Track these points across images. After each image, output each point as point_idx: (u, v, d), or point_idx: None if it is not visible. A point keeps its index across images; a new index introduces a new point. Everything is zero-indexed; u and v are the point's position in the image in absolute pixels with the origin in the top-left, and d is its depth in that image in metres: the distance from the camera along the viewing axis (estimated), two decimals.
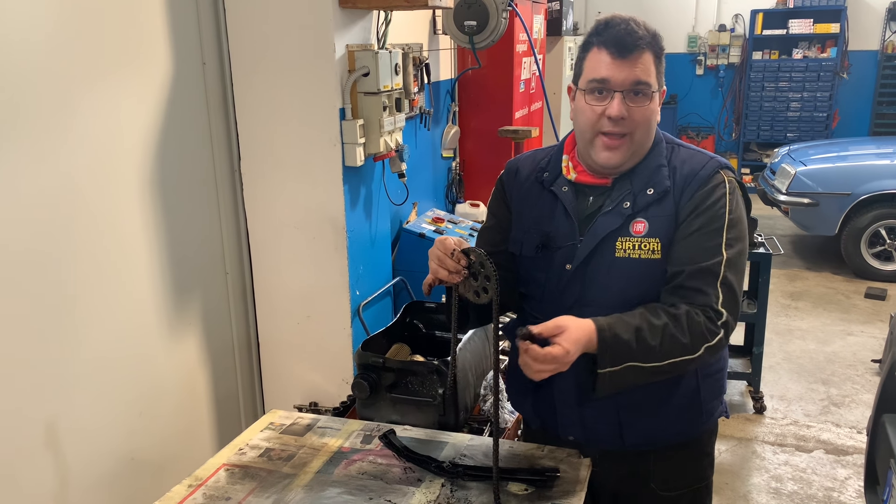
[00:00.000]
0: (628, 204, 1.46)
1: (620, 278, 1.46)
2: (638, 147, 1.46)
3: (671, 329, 1.37)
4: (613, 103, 1.41)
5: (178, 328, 2.45)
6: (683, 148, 1.53)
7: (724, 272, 1.41)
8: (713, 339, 1.39)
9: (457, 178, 4.28)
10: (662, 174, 1.47)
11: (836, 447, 3.41)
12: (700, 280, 1.40)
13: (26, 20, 1.82)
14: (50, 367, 1.96)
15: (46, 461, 1.98)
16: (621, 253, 1.45)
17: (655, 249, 1.44)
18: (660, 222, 1.45)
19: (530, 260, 1.56)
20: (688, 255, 1.42)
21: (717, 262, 1.41)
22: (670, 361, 1.37)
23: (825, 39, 8.58)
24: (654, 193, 1.46)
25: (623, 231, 1.46)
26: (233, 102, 2.55)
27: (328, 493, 1.47)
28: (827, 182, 5.72)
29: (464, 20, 3.61)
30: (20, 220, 1.84)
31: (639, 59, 1.40)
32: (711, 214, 1.42)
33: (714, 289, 1.40)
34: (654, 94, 1.43)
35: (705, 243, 1.42)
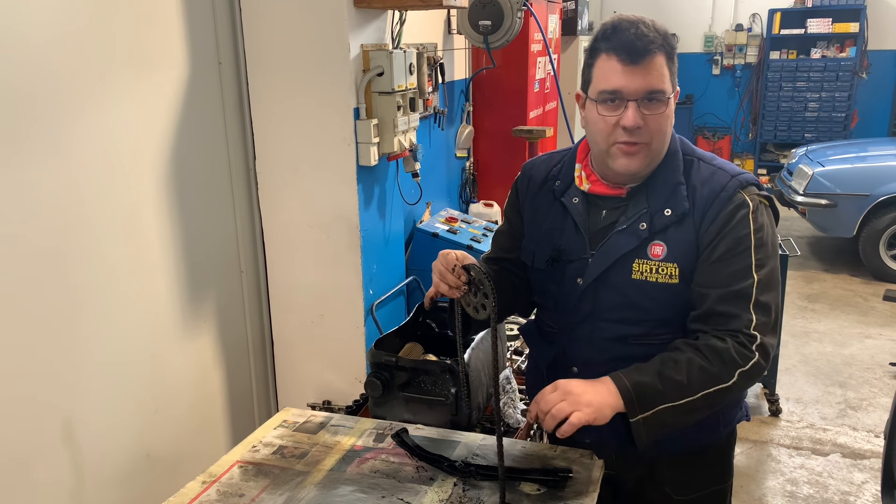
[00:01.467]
0: (644, 225, 1.41)
1: (637, 298, 1.43)
2: (655, 154, 1.41)
3: (697, 361, 1.33)
4: (628, 113, 1.34)
5: (193, 326, 2.47)
6: (704, 163, 1.46)
7: (757, 295, 1.35)
8: (746, 363, 1.34)
9: (470, 177, 4.27)
10: (681, 194, 1.41)
11: (853, 451, 3.37)
12: (731, 304, 1.35)
13: (44, 20, 1.84)
14: (66, 365, 1.99)
15: (63, 457, 2.00)
16: (638, 275, 1.42)
17: (673, 274, 1.40)
18: (679, 247, 1.40)
19: (542, 272, 1.54)
20: (716, 279, 1.37)
21: (749, 284, 1.35)
22: (704, 394, 1.33)
23: (844, 39, 8.50)
24: (673, 215, 1.40)
25: (640, 253, 1.42)
26: (248, 102, 2.57)
27: (341, 491, 1.47)
28: (845, 183, 5.66)
29: (478, 20, 3.61)
30: (38, 219, 1.87)
31: (651, 65, 1.33)
32: (735, 238, 1.37)
33: (747, 312, 1.35)
34: (669, 99, 1.37)
35: (734, 266, 1.36)
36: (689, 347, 1.36)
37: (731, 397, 1.38)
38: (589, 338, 1.50)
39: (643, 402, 1.32)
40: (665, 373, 1.33)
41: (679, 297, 1.42)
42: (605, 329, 1.48)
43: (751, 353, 1.34)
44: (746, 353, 1.34)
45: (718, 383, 1.33)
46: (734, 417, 1.59)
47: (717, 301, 1.36)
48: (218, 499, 1.46)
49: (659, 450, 1.52)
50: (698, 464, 1.58)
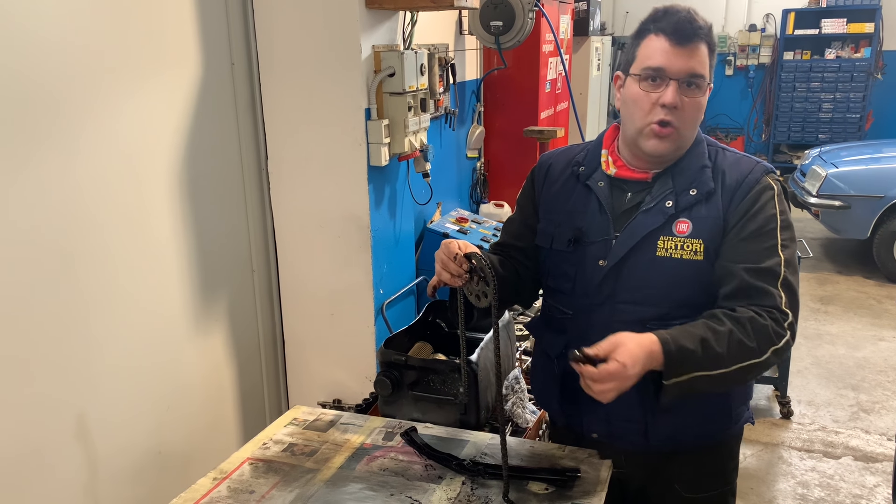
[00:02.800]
0: (671, 203, 1.45)
1: (660, 277, 1.45)
2: (684, 141, 1.46)
3: (738, 334, 1.34)
4: (668, 91, 1.39)
5: (205, 324, 2.49)
6: (728, 152, 1.52)
7: (785, 273, 1.39)
8: (780, 341, 1.36)
9: (481, 178, 4.28)
10: (706, 175, 1.46)
11: (865, 454, 3.35)
12: (762, 279, 1.39)
13: (58, 21, 1.87)
14: (80, 363, 2.01)
15: (77, 453, 2.03)
16: (663, 252, 1.44)
17: (698, 251, 1.43)
18: (704, 224, 1.44)
19: (561, 254, 1.55)
20: (747, 255, 1.41)
21: (777, 262, 1.39)
22: (738, 367, 1.34)
23: (859, 39, 8.44)
24: (698, 194, 1.45)
25: (665, 230, 1.45)
26: (260, 102, 2.59)
27: (350, 489, 1.49)
28: (859, 184, 5.62)
29: (490, 20, 3.62)
30: (51, 218, 1.89)
31: (696, 50, 1.40)
32: (764, 217, 1.42)
33: (777, 290, 1.38)
34: (707, 87, 1.43)
35: (762, 244, 1.40)
36: (730, 319, 1.36)
37: (759, 373, 1.41)
38: (607, 322, 1.49)
39: (682, 367, 1.32)
40: (708, 342, 1.32)
41: (701, 275, 1.44)
42: (623, 311, 1.48)
43: (783, 332, 1.37)
44: (780, 332, 1.36)
45: (753, 357, 1.35)
46: (742, 416, 1.60)
47: (749, 275, 1.39)
48: (228, 495, 1.48)
49: (669, 445, 1.54)
50: (707, 460, 1.59)
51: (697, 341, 1.33)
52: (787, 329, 1.37)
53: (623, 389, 1.29)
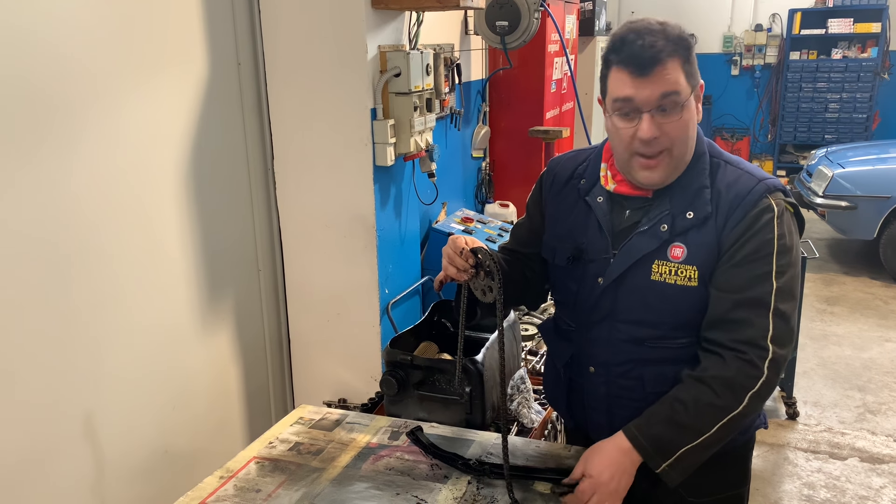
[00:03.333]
0: (666, 227, 1.40)
1: (655, 301, 1.43)
2: (679, 161, 1.39)
3: (704, 399, 1.33)
4: (643, 125, 1.33)
5: (211, 324, 2.50)
6: (731, 166, 1.43)
7: (776, 303, 1.33)
8: (755, 384, 1.33)
9: (487, 178, 4.28)
10: (704, 197, 1.39)
11: (872, 455, 3.34)
12: (749, 311, 1.33)
13: (64, 21, 1.87)
14: (86, 362, 2.02)
15: (83, 453, 2.03)
16: (657, 276, 1.41)
17: (692, 277, 1.39)
18: (699, 250, 1.39)
19: (562, 269, 1.54)
20: (735, 284, 1.35)
21: (768, 291, 1.33)
22: (719, 426, 1.33)
23: (866, 39, 8.40)
24: (695, 218, 1.39)
25: (660, 254, 1.41)
26: (266, 102, 2.59)
27: (356, 488, 1.49)
28: (866, 185, 5.60)
29: (495, 20, 3.61)
30: (57, 219, 1.90)
31: (662, 72, 1.31)
32: (759, 241, 1.35)
33: (764, 320, 1.33)
34: (687, 101, 1.34)
35: (754, 272, 1.34)
36: (695, 382, 1.35)
37: (748, 419, 1.38)
38: (607, 339, 1.50)
39: (663, 453, 1.35)
40: (676, 418, 1.34)
41: (697, 301, 1.40)
42: (622, 330, 1.47)
43: (759, 373, 1.32)
44: (754, 374, 1.32)
45: (730, 412, 1.33)
46: (750, 426, 1.58)
47: (733, 307, 1.35)
48: (235, 494, 1.49)
49: None
50: (712, 469, 1.55)
51: (665, 422, 1.34)
52: (767, 367, 1.32)
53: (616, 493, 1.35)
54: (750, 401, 1.33)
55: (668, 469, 1.35)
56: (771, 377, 1.33)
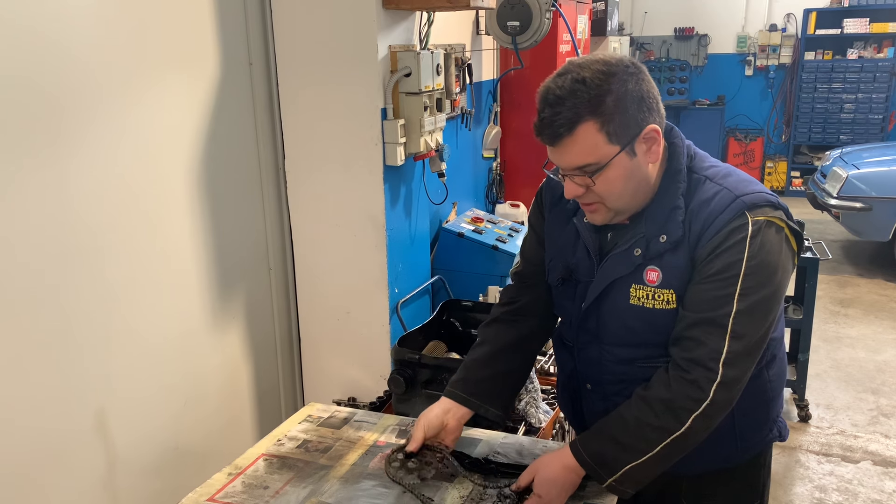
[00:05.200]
0: (639, 251, 1.37)
1: (637, 324, 1.41)
2: (621, 208, 1.37)
3: (645, 418, 1.33)
4: (565, 186, 1.35)
5: (222, 322, 2.52)
6: (711, 182, 1.37)
7: (733, 325, 1.29)
8: (699, 406, 1.30)
9: (497, 178, 4.28)
10: (676, 219, 1.35)
11: (885, 459, 3.31)
12: (701, 331, 1.31)
13: (76, 21, 1.89)
14: (99, 359, 2.04)
15: (96, 448, 2.06)
16: (636, 300, 1.39)
17: (670, 300, 1.36)
18: (674, 273, 1.36)
19: (556, 289, 1.55)
20: (695, 303, 1.33)
21: (725, 313, 1.29)
22: (662, 445, 1.32)
23: (882, 39, 8.31)
24: (667, 242, 1.35)
25: (636, 278, 1.39)
26: (278, 102, 2.61)
27: (363, 486, 1.50)
28: (881, 186, 5.54)
29: (507, 20, 3.61)
30: (69, 216, 1.92)
31: (570, 143, 1.27)
32: (726, 261, 1.30)
33: (717, 341, 1.29)
34: (610, 163, 1.28)
35: (715, 292, 1.31)
36: (639, 402, 1.35)
37: (694, 441, 1.34)
38: (598, 359, 1.50)
39: (607, 469, 1.35)
40: (617, 437, 1.35)
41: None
42: (610, 352, 1.47)
43: (702, 395, 1.29)
44: (697, 396, 1.30)
45: (671, 434, 1.31)
46: (762, 439, 1.55)
47: (689, 325, 1.33)
48: (243, 490, 1.50)
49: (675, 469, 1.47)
50: (720, 481, 1.55)
51: (608, 440, 1.35)
52: (714, 390, 1.29)
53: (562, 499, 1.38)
54: (694, 422, 1.30)
55: (615, 484, 1.35)
56: (718, 399, 1.30)
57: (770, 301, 1.33)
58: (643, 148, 1.32)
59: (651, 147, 1.33)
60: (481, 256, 3.30)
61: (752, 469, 1.58)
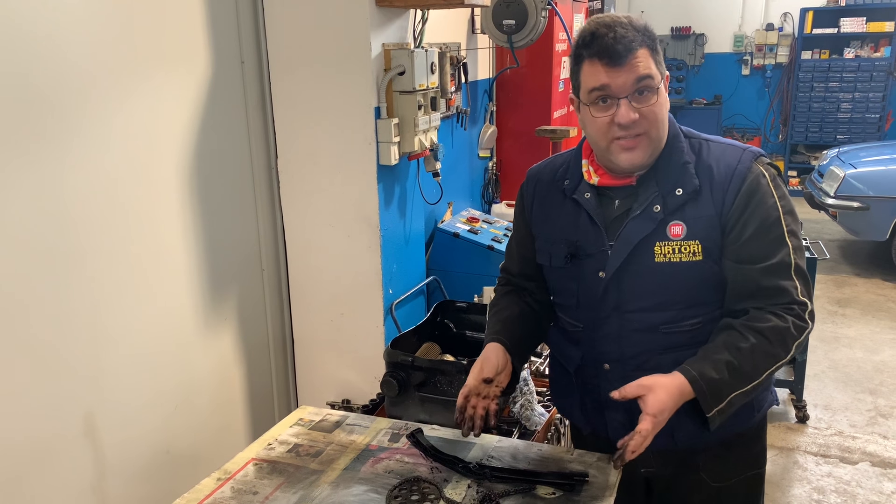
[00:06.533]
0: (658, 207, 1.43)
1: (662, 282, 1.44)
2: (656, 143, 1.43)
3: (761, 346, 1.36)
4: (621, 110, 1.37)
5: (214, 323, 2.49)
6: (714, 143, 1.49)
7: (795, 260, 1.40)
8: (802, 333, 1.39)
9: (493, 177, 4.25)
10: (689, 172, 1.43)
11: (883, 460, 3.29)
12: (776, 276, 1.39)
13: (65, 19, 1.87)
14: (89, 361, 2.01)
15: (85, 452, 2.03)
16: (661, 258, 1.43)
17: (696, 251, 1.42)
18: (698, 223, 1.42)
19: (561, 270, 1.54)
20: (756, 254, 1.40)
21: (787, 252, 1.40)
22: (768, 372, 1.38)
23: (878, 38, 8.31)
24: (684, 194, 1.42)
25: (660, 235, 1.43)
26: (270, 101, 2.58)
27: (354, 490, 1.47)
28: (878, 185, 5.53)
29: (502, 19, 3.59)
30: (60, 216, 1.89)
31: (635, 60, 1.36)
32: (766, 208, 1.40)
33: (791, 281, 1.39)
34: (659, 86, 1.39)
35: (768, 237, 1.40)
36: (752, 332, 1.37)
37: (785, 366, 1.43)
38: (618, 332, 1.49)
39: (716, 396, 1.36)
40: (734, 364, 1.36)
41: (704, 275, 1.43)
42: (633, 320, 1.47)
43: (805, 324, 1.39)
44: (802, 325, 1.38)
45: (780, 360, 1.38)
46: (765, 401, 1.59)
47: (761, 275, 1.39)
48: (232, 496, 1.47)
49: (697, 443, 1.52)
50: (733, 450, 1.57)
51: (723, 367, 1.35)
52: (809, 318, 1.39)
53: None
54: (795, 349, 1.39)
55: (716, 414, 1.36)
56: (810, 326, 1.40)
57: (800, 234, 1.45)
58: (664, 91, 1.42)
59: (666, 93, 1.43)
60: (477, 257, 3.28)
61: (758, 433, 1.63)
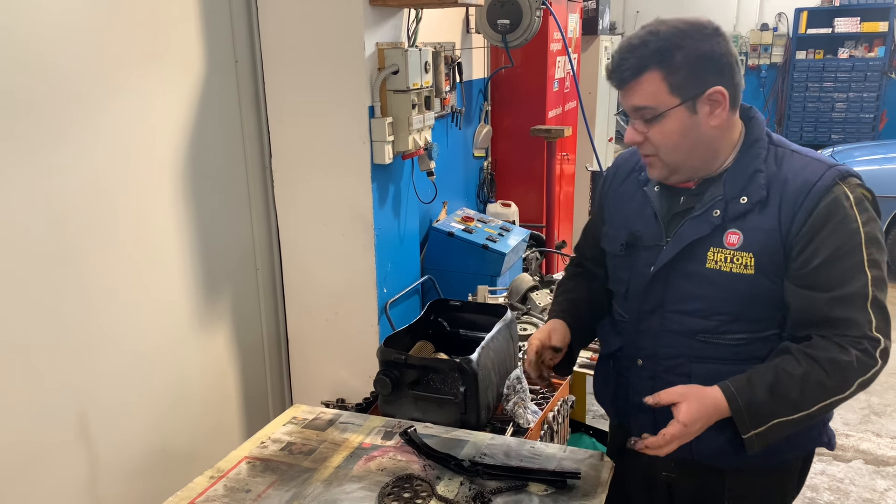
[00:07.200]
0: (718, 212, 1.38)
1: (709, 290, 1.40)
2: (679, 164, 1.39)
3: (814, 376, 1.29)
4: (627, 129, 1.43)
5: (208, 323, 2.49)
6: (798, 155, 1.39)
7: (873, 292, 1.29)
8: (868, 372, 1.29)
9: (488, 177, 4.25)
10: (758, 182, 1.36)
11: (876, 457, 3.30)
12: (848, 307, 1.29)
13: (60, 18, 1.86)
14: (82, 360, 2.01)
15: (78, 451, 2.02)
16: (713, 264, 1.38)
17: (749, 264, 1.36)
18: (757, 236, 1.35)
19: (616, 258, 1.56)
20: (826, 281, 1.30)
21: (864, 283, 1.29)
22: (820, 406, 1.30)
23: (873, 38, 8.35)
24: (748, 203, 1.36)
25: (715, 241, 1.39)
26: (264, 100, 2.58)
27: (347, 488, 1.47)
28: (872, 184, 5.28)
29: (496, 19, 3.59)
30: (53, 216, 1.89)
31: (637, 85, 1.34)
32: (845, 233, 1.30)
33: (865, 313, 1.28)
34: (667, 113, 1.33)
35: (844, 265, 1.29)
36: (807, 359, 1.30)
37: (845, 402, 1.33)
38: (657, 330, 1.48)
39: (756, 420, 1.31)
40: (778, 389, 1.30)
41: (753, 290, 1.37)
42: (673, 321, 1.45)
43: (873, 361, 1.28)
44: (869, 362, 1.28)
45: (836, 395, 1.30)
46: (810, 440, 1.50)
47: (831, 304, 1.30)
48: (225, 494, 1.47)
49: (717, 462, 1.48)
50: (757, 483, 1.52)
51: (766, 391, 1.30)
52: (879, 356, 1.29)
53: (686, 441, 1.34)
54: (857, 388, 1.30)
55: (754, 437, 1.31)
56: (881, 367, 1.30)
57: (884, 267, 1.33)
58: (706, 109, 1.34)
59: (715, 110, 1.35)
60: (471, 256, 3.29)
61: (790, 472, 1.54)
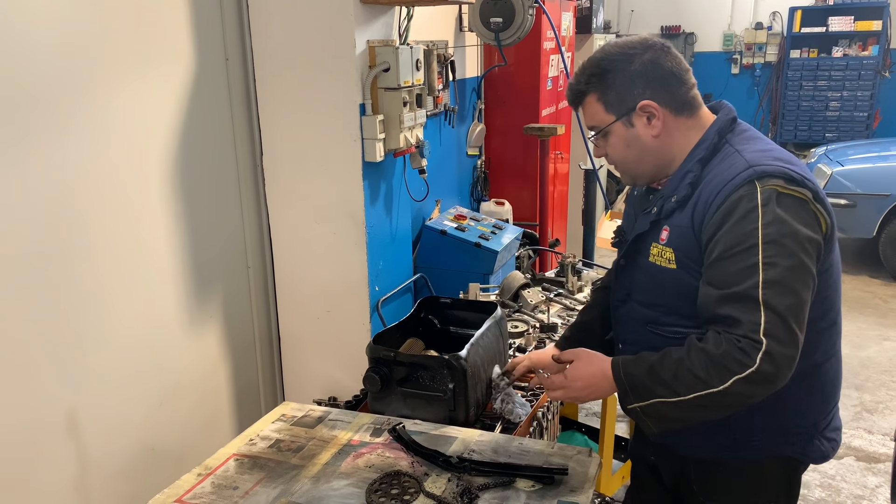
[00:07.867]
0: (655, 209, 1.48)
1: (649, 282, 1.51)
2: (630, 171, 1.54)
3: (687, 363, 1.31)
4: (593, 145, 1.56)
5: (199, 321, 2.48)
6: (736, 154, 1.38)
7: (764, 295, 1.26)
8: (744, 371, 1.26)
9: (482, 175, 4.26)
10: (685, 181, 1.43)
11: (868, 454, 3.31)
12: (734, 306, 1.29)
13: (50, 16, 1.86)
14: (72, 358, 2.00)
15: (68, 450, 2.02)
16: (652, 258, 1.48)
17: (671, 259, 1.44)
18: (676, 231, 1.43)
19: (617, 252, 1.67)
20: (718, 278, 1.32)
21: (752, 284, 1.27)
22: (696, 395, 1.30)
23: (866, 37, 8.37)
24: (675, 201, 1.44)
25: (654, 236, 1.48)
26: (255, 98, 2.58)
27: (335, 485, 1.47)
28: (865, 183, 5.57)
29: (489, 17, 3.59)
30: (43, 215, 1.88)
31: (583, 109, 1.51)
32: (741, 232, 1.29)
33: (751, 314, 1.26)
34: (608, 129, 1.48)
35: (737, 265, 1.29)
36: (690, 348, 1.34)
37: (733, 402, 1.30)
38: (625, 318, 1.60)
39: (636, 395, 1.39)
40: (655, 369, 1.37)
41: (678, 284, 1.43)
42: (634, 310, 1.57)
43: (749, 361, 1.26)
44: (744, 361, 1.26)
45: (709, 387, 1.29)
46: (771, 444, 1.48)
47: (718, 302, 1.31)
48: (212, 491, 1.47)
49: (682, 450, 1.58)
50: (725, 475, 1.54)
51: (647, 368, 1.38)
52: (761, 358, 1.25)
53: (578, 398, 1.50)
54: (734, 385, 1.27)
55: (640, 412, 1.39)
56: (763, 369, 1.25)
57: (799, 272, 1.29)
58: (642, 121, 1.45)
59: (651, 121, 1.44)
60: (464, 254, 3.29)
61: (760, 474, 1.52)
